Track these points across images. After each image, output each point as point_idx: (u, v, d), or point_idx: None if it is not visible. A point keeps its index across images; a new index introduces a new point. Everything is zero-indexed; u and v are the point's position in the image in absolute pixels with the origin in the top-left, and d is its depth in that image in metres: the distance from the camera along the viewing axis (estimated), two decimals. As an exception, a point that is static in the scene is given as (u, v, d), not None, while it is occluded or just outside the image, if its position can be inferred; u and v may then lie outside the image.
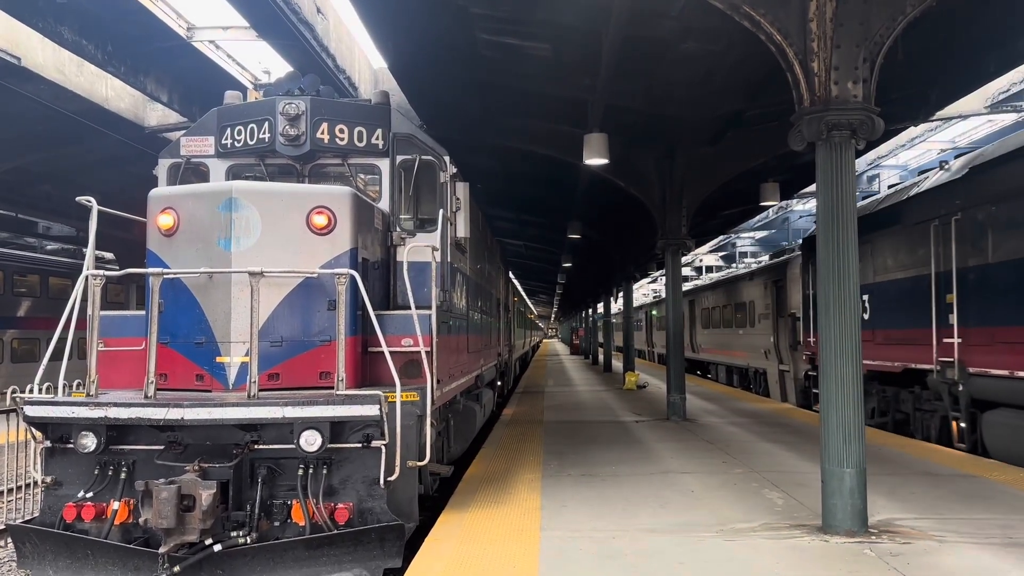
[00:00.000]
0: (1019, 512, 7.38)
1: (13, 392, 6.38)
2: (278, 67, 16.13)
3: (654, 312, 43.24)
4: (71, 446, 6.13)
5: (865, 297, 13.75)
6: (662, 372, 23.58)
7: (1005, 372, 9.86)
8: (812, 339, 16.18)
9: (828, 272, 6.68)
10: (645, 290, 60.17)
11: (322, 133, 8.01)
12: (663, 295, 49.07)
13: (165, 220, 6.70)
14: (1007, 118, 21.31)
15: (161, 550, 5.61)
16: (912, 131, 21.49)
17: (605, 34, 9.39)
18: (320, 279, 6.64)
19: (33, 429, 6.27)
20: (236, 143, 8.15)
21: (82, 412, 5.99)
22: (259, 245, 6.56)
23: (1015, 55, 11.26)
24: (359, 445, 6.19)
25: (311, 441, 5.96)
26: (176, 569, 5.61)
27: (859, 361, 6.64)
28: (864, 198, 17.54)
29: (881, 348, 13.26)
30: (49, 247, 29.71)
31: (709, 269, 46.73)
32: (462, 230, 8.63)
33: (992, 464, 9.95)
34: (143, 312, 6.80)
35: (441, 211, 8.17)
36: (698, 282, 39.17)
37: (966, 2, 9.38)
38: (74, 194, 7.19)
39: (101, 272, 6.39)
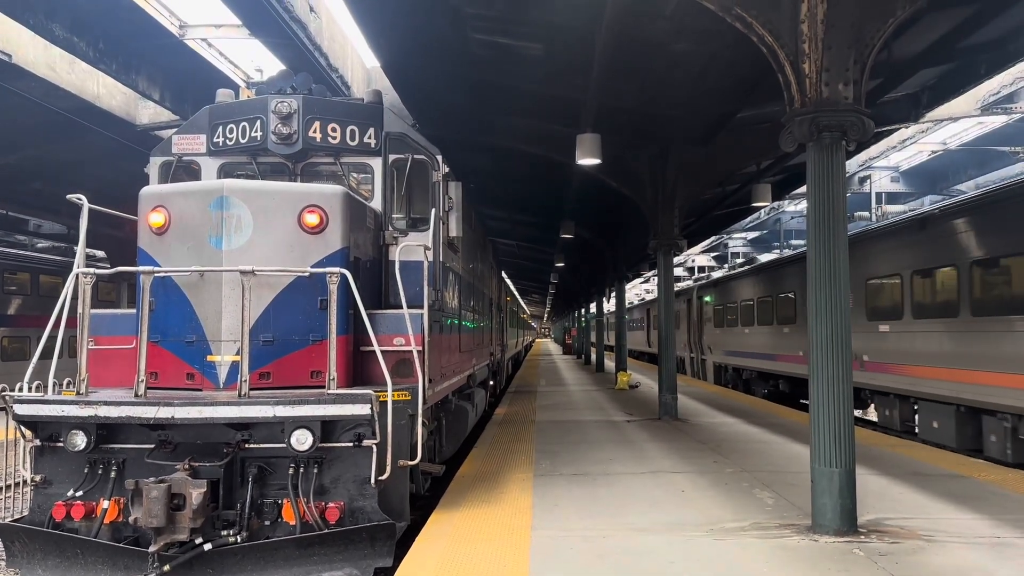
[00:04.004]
0: (1007, 512, 7.42)
1: (2, 390, 6.36)
2: (270, 65, 16.14)
3: (709, 298, 28.26)
4: (61, 445, 6.12)
5: None
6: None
7: None
8: None
9: (818, 273, 6.72)
10: (638, 290, 60.25)
11: (314, 132, 8.00)
12: (718, 270, 35.88)
13: (156, 218, 6.68)
14: (998, 120, 21.44)
15: (151, 549, 5.60)
16: (903, 133, 21.56)
17: (598, 34, 9.40)
18: (312, 278, 6.63)
19: (23, 427, 6.25)
20: (228, 141, 8.13)
21: (72, 411, 5.97)
22: (250, 244, 6.56)
23: (1005, 57, 11.32)
24: (350, 444, 6.19)
25: (302, 440, 5.96)
26: (166, 568, 5.60)
27: (849, 361, 6.67)
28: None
29: None
30: (40, 245, 29.60)
31: (701, 269, 46.67)
32: (454, 229, 8.63)
33: (981, 464, 10.01)
34: (134, 310, 6.79)
35: (433, 210, 8.18)
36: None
37: (956, 4, 9.43)
38: (65, 191, 7.17)
39: (91, 270, 6.38)
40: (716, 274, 33.06)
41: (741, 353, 23.88)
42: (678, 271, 42.84)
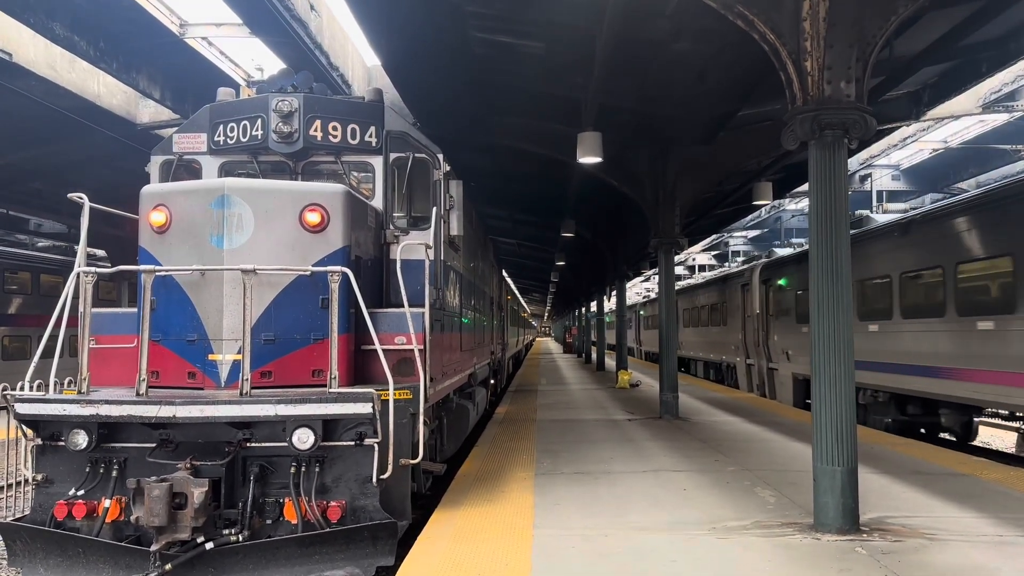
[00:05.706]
0: (1010, 510, 7.41)
1: (4, 389, 6.35)
2: (271, 64, 16.13)
3: (784, 281, 19.61)
4: (62, 444, 6.12)
5: None
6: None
7: None
8: None
9: (820, 270, 6.70)
10: (638, 288, 60.22)
11: (315, 130, 8.00)
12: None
13: (157, 217, 6.67)
14: (999, 118, 21.41)
15: (153, 548, 5.60)
16: (904, 131, 21.55)
17: (598, 33, 9.39)
18: (313, 277, 6.62)
19: (24, 426, 6.24)
20: (229, 140, 8.13)
21: (73, 410, 5.97)
22: (252, 242, 6.54)
23: (1007, 55, 11.32)
24: (352, 443, 6.19)
25: (304, 439, 5.96)
26: (168, 567, 5.60)
27: (851, 359, 6.66)
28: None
29: None
30: (40, 244, 29.59)
31: (702, 268, 46.63)
32: (455, 228, 8.62)
33: (983, 463, 10.00)
34: (135, 309, 6.78)
35: (434, 209, 8.18)
36: None
37: (958, 2, 9.42)
38: (66, 191, 7.16)
39: (92, 269, 6.37)
40: (780, 252, 23.88)
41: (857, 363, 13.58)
42: (678, 270, 42.82)
